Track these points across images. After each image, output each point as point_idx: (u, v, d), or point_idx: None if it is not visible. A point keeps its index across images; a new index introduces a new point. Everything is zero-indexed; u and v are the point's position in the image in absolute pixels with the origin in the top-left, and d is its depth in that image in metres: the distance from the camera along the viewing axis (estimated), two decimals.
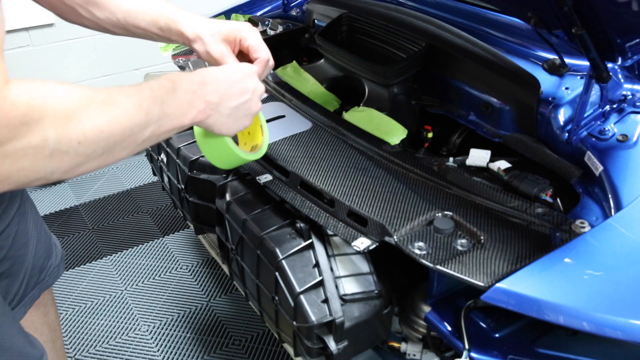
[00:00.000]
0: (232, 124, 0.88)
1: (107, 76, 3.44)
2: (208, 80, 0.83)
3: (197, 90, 0.81)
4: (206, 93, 0.82)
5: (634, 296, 0.78)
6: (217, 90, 0.84)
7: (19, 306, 1.16)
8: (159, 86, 0.76)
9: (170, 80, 0.78)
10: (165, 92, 0.76)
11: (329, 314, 0.98)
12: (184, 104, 0.78)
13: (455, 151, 1.34)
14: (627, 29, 0.92)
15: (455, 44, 1.31)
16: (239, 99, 0.87)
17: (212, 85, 0.83)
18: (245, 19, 1.89)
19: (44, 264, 1.22)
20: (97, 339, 1.92)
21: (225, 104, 0.85)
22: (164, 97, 0.75)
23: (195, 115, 0.80)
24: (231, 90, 0.86)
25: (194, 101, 0.80)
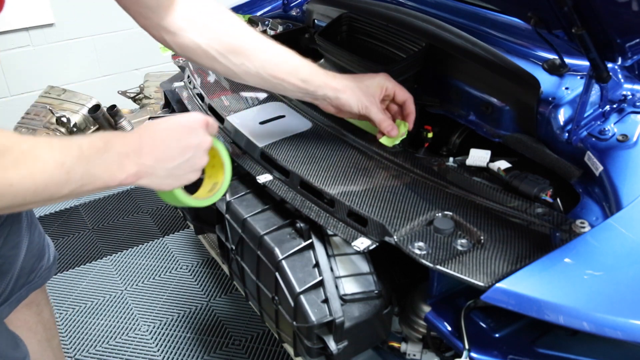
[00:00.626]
0: (173, 182, 0.85)
1: (107, 76, 3.44)
2: (145, 142, 0.80)
3: (130, 153, 0.77)
4: (141, 156, 0.78)
5: (634, 296, 0.78)
6: (154, 152, 0.80)
7: (4, 305, 1.15)
8: (89, 145, 0.73)
9: (104, 140, 0.75)
10: (94, 152, 0.73)
11: (329, 314, 0.98)
12: (113, 166, 0.75)
13: (455, 151, 1.34)
14: (627, 29, 0.92)
15: (455, 44, 1.31)
16: (178, 160, 0.83)
17: (148, 148, 0.79)
18: (245, 19, 1.89)
19: (35, 265, 1.21)
20: (97, 339, 1.92)
21: (163, 166, 0.81)
22: (92, 158, 0.72)
23: (124, 178, 0.77)
24: (170, 152, 0.82)
25: (126, 165, 0.76)
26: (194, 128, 0.85)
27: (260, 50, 1.05)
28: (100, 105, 3.01)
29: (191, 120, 0.86)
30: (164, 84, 1.84)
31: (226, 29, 1.04)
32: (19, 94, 3.18)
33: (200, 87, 1.55)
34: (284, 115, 1.36)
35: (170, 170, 0.82)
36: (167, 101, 1.81)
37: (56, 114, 2.92)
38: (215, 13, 1.05)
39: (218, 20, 1.05)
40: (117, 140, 0.76)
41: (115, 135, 0.77)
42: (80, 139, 0.73)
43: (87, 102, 3.06)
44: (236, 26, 1.06)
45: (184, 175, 0.85)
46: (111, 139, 0.76)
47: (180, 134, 0.83)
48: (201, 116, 0.88)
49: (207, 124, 0.88)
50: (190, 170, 0.85)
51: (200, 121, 0.87)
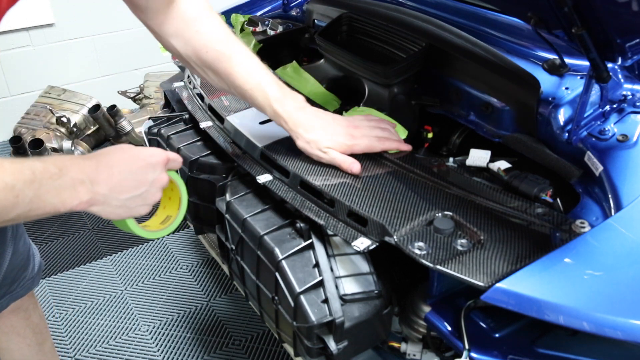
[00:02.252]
0: (123, 212, 0.84)
1: (107, 76, 3.44)
2: (102, 170, 0.79)
3: (85, 180, 0.77)
4: (96, 184, 0.78)
5: (634, 296, 0.78)
6: (109, 182, 0.80)
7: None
8: (43, 170, 0.72)
9: (59, 166, 0.74)
10: (47, 178, 0.72)
11: (329, 314, 0.98)
12: (66, 192, 0.74)
13: (455, 151, 1.34)
14: (627, 29, 0.92)
15: (455, 44, 1.31)
16: (132, 192, 0.83)
17: (104, 175, 0.79)
18: (245, 19, 1.89)
19: (18, 275, 1.19)
20: (97, 339, 1.92)
21: (116, 196, 0.81)
22: (43, 182, 0.72)
23: (76, 204, 0.76)
24: (125, 184, 0.82)
25: (79, 191, 0.76)
26: (152, 164, 0.86)
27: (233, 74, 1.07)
28: (100, 105, 3.01)
29: (151, 155, 0.86)
30: (164, 84, 1.84)
31: (205, 44, 1.06)
32: (19, 94, 3.18)
33: (200, 87, 1.55)
34: None
35: (123, 201, 0.82)
36: (167, 101, 1.81)
37: (56, 114, 2.92)
38: (195, 22, 1.06)
39: (200, 32, 1.06)
40: (73, 166, 0.76)
41: (72, 161, 0.77)
42: (34, 163, 0.72)
43: (87, 102, 3.06)
44: (215, 43, 1.07)
45: (135, 207, 0.85)
46: (67, 164, 0.75)
47: (138, 167, 0.84)
48: (162, 153, 0.88)
49: (167, 161, 0.89)
50: (143, 203, 0.85)
51: (159, 158, 0.87)
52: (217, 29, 1.08)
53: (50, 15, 3.12)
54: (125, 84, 3.40)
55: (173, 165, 0.91)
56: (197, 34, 1.06)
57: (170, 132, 1.52)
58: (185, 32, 1.05)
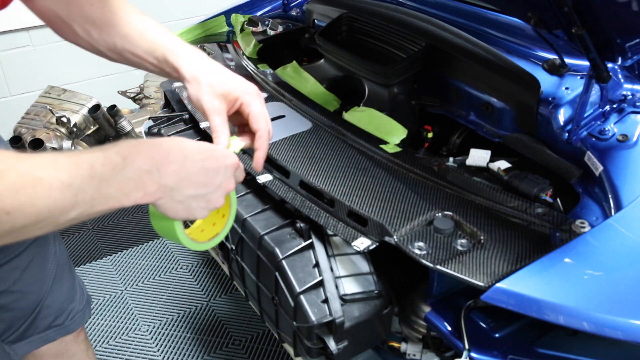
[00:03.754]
0: (182, 211, 0.74)
1: (107, 76, 3.44)
2: (172, 159, 0.71)
3: (152, 171, 0.68)
4: (164, 175, 0.70)
5: (634, 296, 0.78)
6: (179, 173, 0.71)
7: (22, 342, 1.08)
8: (104, 162, 0.64)
9: (122, 155, 0.66)
10: (110, 170, 0.64)
11: (329, 314, 0.97)
12: (130, 184, 0.66)
13: (455, 151, 1.34)
14: (627, 29, 0.92)
15: (455, 44, 1.31)
16: (198, 190, 0.74)
17: (175, 166, 0.71)
18: (245, 19, 1.89)
19: (64, 306, 1.13)
20: (97, 339, 1.92)
21: (182, 191, 0.72)
22: (106, 176, 0.64)
23: (140, 197, 0.68)
24: (194, 179, 0.73)
25: (146, 183, 0.68)
26: (225, 166, 0.77)
27: (121, 24, 0.92)
28: (100, 105, 3.01)
29: (224, 156, 0.78)
30: (164, 84, 1.84)
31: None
32: (19, 94, 3.18)
33: None
34: (284, 115, 1.36)
35: (187, 198, 0.73)
36: (167, 101, 1.81)
37: (56, 114, 2.92)
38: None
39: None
40: (139, 155, 0.67)
41: (139, 148, 0.68)
42: (93, 154, 0.64)
43: (87, 102, 3.06)
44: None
45: (195, 208, 0.75)
46: (132, 152, 0.67)
47: (210, 165, 0.75)
48: (235, 158, 0.80)
49: (237, 168, 0.80)
50: (204, 206, 0.76)
51: (233, 161, 0.78)
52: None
53: None
54: (125, 84, 3.39)
55: (239, 175, 0.81)
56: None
57: (170, 132, 1.52)
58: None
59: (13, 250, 1.00)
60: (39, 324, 1.09)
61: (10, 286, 1.02)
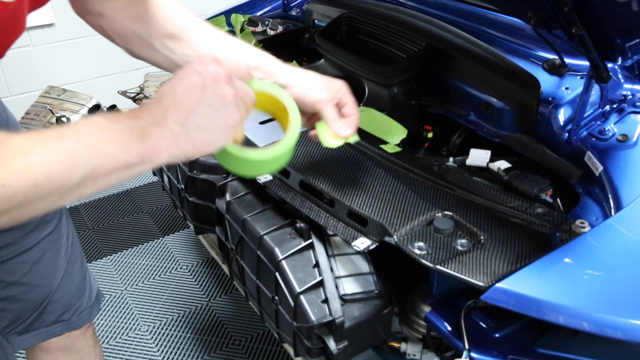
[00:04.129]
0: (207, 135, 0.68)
1: (107, 76, 3.44)
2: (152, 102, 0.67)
3: (138, 118, 0.65)
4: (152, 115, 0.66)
5: (634, 296, 0.78)
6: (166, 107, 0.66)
7: (29, 334, 1.09)
8: (88, 123, 0.63)
9: (105, 117, 0.64)
10: (96, 129, 0.63)
11: (329, 314, 0.97)
12: (123, 136, 0.63)
13: (455, 151, 1.34)
14: (627, 29, 0.92)
15: (455, 44, 1.31)
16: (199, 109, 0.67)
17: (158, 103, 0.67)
18: (245, 19, 1.89)
19: (72, 302, 1.13)
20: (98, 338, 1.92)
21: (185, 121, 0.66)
22: (94, 135, 0.62)
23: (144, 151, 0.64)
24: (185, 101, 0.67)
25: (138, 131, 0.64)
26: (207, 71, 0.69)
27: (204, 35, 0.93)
28: (100, 105, 3.01)
29: (201, 63, 0.70)
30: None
31: (165, 14, 0.92)
32: (19, 94, 3.18)
33: None
34: None
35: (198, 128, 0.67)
36: None
37: (56, 114, 2.92)
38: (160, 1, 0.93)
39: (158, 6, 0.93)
40: (120, 114, 0.65)
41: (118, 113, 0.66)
42: (78, 121, 0.63)
43: (87, 102, 3.06)
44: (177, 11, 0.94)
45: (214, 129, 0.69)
46: (112, 115, 0.65)
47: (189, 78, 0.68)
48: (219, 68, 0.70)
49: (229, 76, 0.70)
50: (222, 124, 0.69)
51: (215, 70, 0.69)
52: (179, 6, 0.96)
53: (50, 15, 3.11)
54: (125, 84, 3.40)
55: (243, 76, 0.75)
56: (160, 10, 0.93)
57: None
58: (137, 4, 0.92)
59: (25, 244, 1.01)
60: (46, 318, 1.09)
61: (20, 278, 1.02)
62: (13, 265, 1.01)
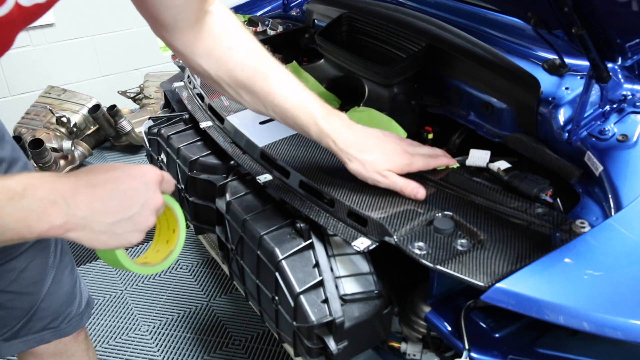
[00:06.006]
0: (110, 240, 0.69)
1: (107, 76, 3.44)
2: (81, 189, 0.66)
3: (58, 201, 0.64)
4: (73, 205, 0.65)
5: (634, 296, 0.78)
6: (91, 202, 0.66)
7: (15, 341, 1.08)
8: (1, 190, 0.60)
9: (23, 185, 0.62)
10: (7, 199, 0.60)
11: (329, 314, 0.97)
12: (31, 216, 0.62)
13: (455, 151, 1.34)
14: (627, 29, 0.92)
15: (455, 44, 1.31)
16: (120, 215, 0.68)
17: (85, 196, 0.66)
18: (245, 19, 1.89)
19: (61, 310, 1.12)
20: (97, 339, 1.92)
21: (100, 219, 0.67)
22: (2, 205, 0.60)
23: (46, 229, 0.63)
24: (111, 204, 0.68)
25: (50, 214, 0.63)
26: (145, 182, 0.72)
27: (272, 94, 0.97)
28: (100, 105, 3.01)
29: (142, 173, 0.73)
30: (164, 84, 1.84)
31: (239, 62, 0.96)
32: (19, 94, 3.18)
33: (200, 87, 1.55)
34: None
35: (109, 226, 0.68)
36: (167, 101, 1.81)
37: (56, 114, 2.92)
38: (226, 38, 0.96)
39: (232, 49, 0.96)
40: (43, 185, 0.63)
41: (43, 179, 0.64)
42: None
43: (87, 102, 3.06)
44: (249, 59, 0.97)
45: (124, 234, 0.70)
46: (35, 183, 0.63)
47: (128, 186, 0.70)
48: (155, 171, 0.74)
49: (161, 180, 0.75)
50: (133, 229, 0.71)
51: (153, 176, 0.73)
52: (250, 44, 0.98)
53: (50, 15, 3.12)
54: (125, 84, 3.40)
55: (166, 187, 0.77)
56: (229, 51, 0.95)
57: (170, 132, 1.52)
58: (216, 51, 0.95)
59: (11, 252, 1.00)
60: (34, 325, 1.09)
61: (6, 286, 1.01)
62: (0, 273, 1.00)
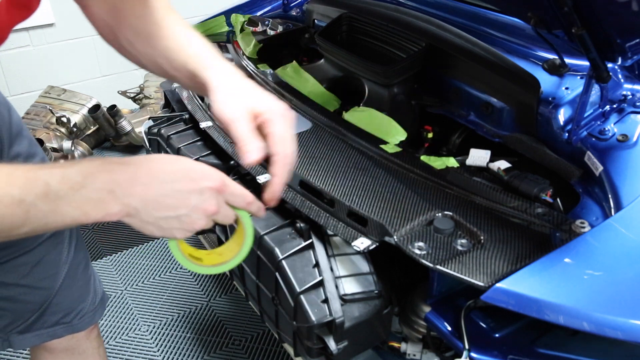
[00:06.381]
0: (155, 230, 0.70)
1: (107, 76, 3.44)
2: (139, 180, 0.67)
3: (116, 190, 0.65)
4: (128, 195, 0.66)
5: (634, 296, 0.78)
6: (145, 195, 0.67)
7: (30, 334, 1.08)
8: (61, 180, 0.62)
9: (83, 174, 0.63)
10: (67, 188, 0.62)
11: (329, 314, 0.97)
12: (89, 204, 0.63)
13: (455, 151, 1.34)
14: (627, 29, 0.92)
15: (455, 44, 1.31)
16: (169, 212, 0.68)
17: (140, 188, 0.66)
18: (245, 19, 1.89)
19: (74, 305, 1.12)
20: None
21: (150, 212, 0.68)
22: (62, 195, 0.61)
23: (102, 217, 0.65)
24: (162, 200, 0.68)
25: (107, 202, 0.64)
26: (201, 188, 0.70)
27: (163, 37, 0.89)
28: (100, 105, 3.01)
29: (202, 177, 0.70)
30: (164, 84, 1.84)
31: (136, 10, 0.89)
32: (19, 94, 3.18)
33: None
34: None
35: (156, 219, 0.69)
36: (167, 101, 1.81)
37: (56, 114, 2.92)
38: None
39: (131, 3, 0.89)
40: (101, 174, 0.64)
41: (102, 167, 0.65)
42: (52, 171, 0.62)
43: (87, 102, 3.06)
44: (148, 9, 0.90)
45: (168, 229, 0.71)
46: (94, 172, 0.64)
47: (183, 186, 0.69)
48: (217, 178, 0.71)
49: (222, 188, 0.71)
50: (179, 227, 0.71)
51: (212, 183, 0.70)
52: None
53: (50, 15, 3.12)
54: (125, 84, 3.40)
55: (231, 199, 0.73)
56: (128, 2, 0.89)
57: (170, 132, 1.52)
58: None
59: (24, 246, 1.00)
60: (47, 319, 1.09)
61: (19, 280, 1.02)
62: (12, 266, 1.00)
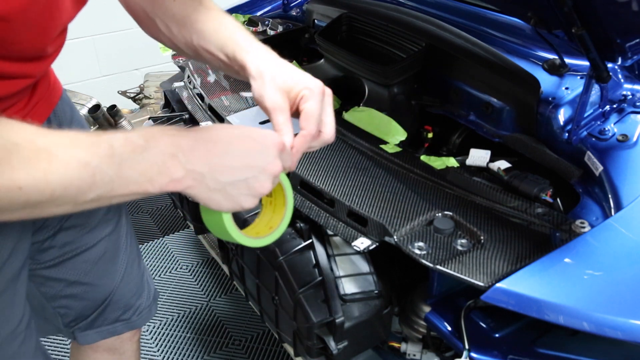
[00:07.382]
0: (222, 200, 0.68)
1: (107, 76, 3.44)
2: (200, 144, 0.66)
3: (178, 154, 0.63)
4: (192, 160, 0.64)
5: (634, 296, 0.78)
6: (209, 158, 0.65)
7: (92, 331, 1.09)
8: (124, 142, 0.61)
9: (145, 137, 0.62)
10: (129, 151, 0.61)
11: (329, 314, 0.97)
12: (153, 168, 0.62)
13: (455, 151, 1.34)
14: (627, 29, 0.92)
15: (455, 44, 1.31)
16: (236, 175, 0.67)
17: (204, 151, 0.65)
18: (245, 19, 1.89)
19: (132, 302, 1.13)
20: None
21: (216, 177, 0.66)
22: (125, 157, 0.60)
23: (166, 183, 0.63)
24: (228, 163, 0.66)
25: (170, 167, 0.63)
26: (266, 146, 0.69)
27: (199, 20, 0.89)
28: (100, 105, 3.01)
29: (264, 136, 0.70)
30: (164, 84, 1.84)
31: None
32: None
33: (200, 87, 1.55)
34: None
35: (223, 185, 0.67)
36: (167, 101, 1.81)
37: None
38: None
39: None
40: (163, 137, 0.63)
41: (163, 132, 0.64)
42: (114, 135, 0.61)
43: (87, 102, 3.06)
44: None
45: (237, 196, 0.68)
46: (156, 136, 0.63)
47: (248, 147, 0.68)
48: (277, 137, 0.72)
49: (282, 149, 0.71)
50: (248, 193, 0.69)
51: (275, 142, 0.70)
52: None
53: None
54: (125, 84, 3.40)
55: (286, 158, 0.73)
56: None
57: None
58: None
59: (85, 242, 1.00)
60: (107, 316, 1.10)
61: (81, 277, 1.02)
62: (74, 264, 1.01)
